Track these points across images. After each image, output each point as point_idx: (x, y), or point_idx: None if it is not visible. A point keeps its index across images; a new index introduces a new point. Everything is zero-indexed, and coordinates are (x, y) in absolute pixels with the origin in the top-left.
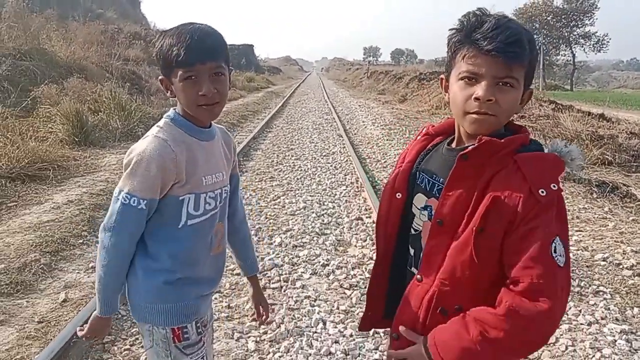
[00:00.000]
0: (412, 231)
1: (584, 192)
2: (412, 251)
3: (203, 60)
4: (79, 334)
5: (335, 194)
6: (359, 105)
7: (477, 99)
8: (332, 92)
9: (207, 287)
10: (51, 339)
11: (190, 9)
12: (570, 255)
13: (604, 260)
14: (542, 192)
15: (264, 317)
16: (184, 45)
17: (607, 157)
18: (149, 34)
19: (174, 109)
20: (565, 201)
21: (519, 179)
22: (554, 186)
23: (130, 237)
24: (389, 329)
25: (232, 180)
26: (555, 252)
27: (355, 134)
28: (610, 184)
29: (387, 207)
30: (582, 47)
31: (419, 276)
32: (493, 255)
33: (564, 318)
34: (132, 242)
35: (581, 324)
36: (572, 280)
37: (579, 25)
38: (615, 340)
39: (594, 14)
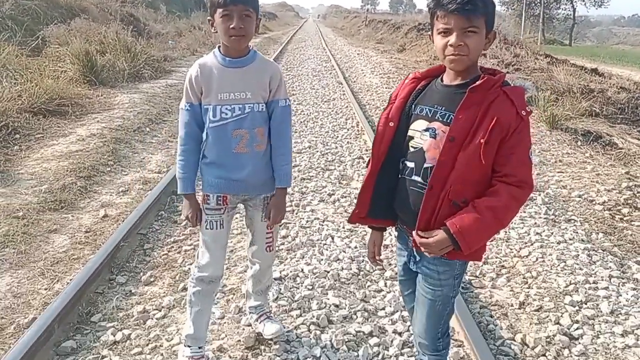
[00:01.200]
0: (411, 149)
1: (569, 140)
2: (411, 164)
3: (235, 3)
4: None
5: (337, 136)
6: (358, 54)
7: (451, 45)
8: (330, 40)
9: (227, 175)
10: (100, 244)
11: None
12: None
13: (579, 197)
14: (523, 112)
15: (270, 220)
16: None
17: (594, 109)
18: None
19: (219, 46)
20: (551, 147)
21: (509, 104)
22: (528, 109)
23: (184, 131)
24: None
25: (271, 106)
26: (531, 155)
27: (354, 81)
28: (594, 133)
29: (382, 133)
30: (583, 1)
31: (430, 184)
32: (490, 159)
33: (537, 237)
34: (187, 136)
35: (551, 242)
36: (548, 210)
37: None
38: (578, 255)
39: None
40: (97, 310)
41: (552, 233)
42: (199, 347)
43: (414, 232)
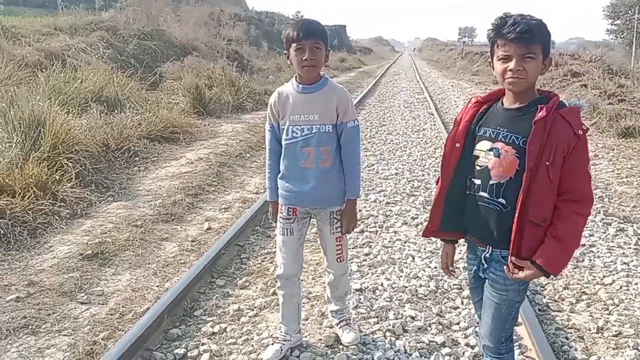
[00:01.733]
0: (477, 167)
1: None
2: (478, 181)
3: (307, 37)
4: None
5: (425, 164)
6: (452, 86)
7: (510, 70)
8: (425, 72)
9: (294, 189)
10: (204, 252)
11: None
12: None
13: None
14: (580, 132)
15: (343, 230)
16: (297, 30)
17: None
18: (248, 15)
19: (295, 76)
20: None
21: (567, 126)
22: (584, 127)
23: (269, 147)
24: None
25: (340, 127)
26: (589, 171)
27: (446, 112)
28: None
29: (450, 153)
30: None
31: (503, 202)
32: (557, 177)
33: (623, 266)
34: (271, 152)
35: (639, 272)
36: (639, 241)
37: None
38: None
39: None
40: (199, 307)
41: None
42: (286, 333)
43: (512, 258)
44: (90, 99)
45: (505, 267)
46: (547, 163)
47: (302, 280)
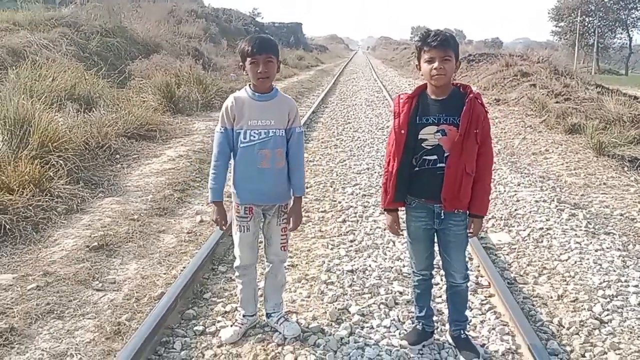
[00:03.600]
0: (427, 147)
1: (615, 166)
2: (434, 157)
3: (260, 53)
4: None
5: None
6: (409, 84)
7: (435, 69)
8: (381, 71)
9: (253, 189)
10: (202, 243)
11: None
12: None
13: (620, 215)
14: (487, 109)
15: (292, 225)
16: (251, 45)
17: None
18: (205, 11)
19: (249, 84)
20: (597, 171)
21: (479, 105)
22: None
23: (218, 149)
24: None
25: (289, 132)
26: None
27: None
28: None
29: (399, 139)
30: None
31: (450, 167)
32: (480, 140)
33: (577, 245)
34: (220, 153)
35: (590, 250)
36: (588, 224)
37: (638, 8)
38: (614, 260)
39: None
40: (207, 290)
41: (590, 242)
42: (244, 316)
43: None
44: (64, 97)
45: (468, 230)
46: (475, 131)
47: (295, 266)
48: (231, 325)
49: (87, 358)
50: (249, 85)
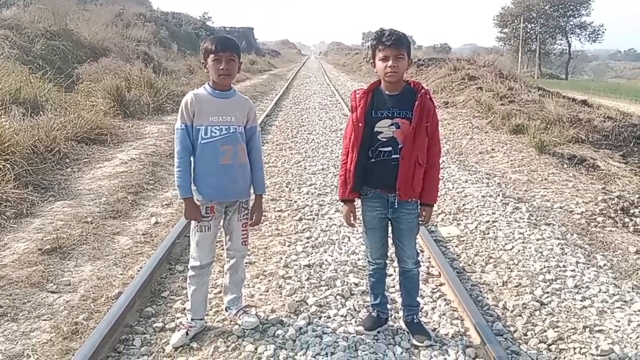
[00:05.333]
0: (383, 139)
1: (555, 163)
2: (389, 148)
3: (224, 50)
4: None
5: None
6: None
7: (389, 67)
8: (333, 75)
9: (215, 184)
10: (157, 244)
11: None
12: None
13: (560, 208)
14: (436, 104)
15: (254, 220)
16: (214, 43)
17: (581, 136)
18: (154, 15)
19: (209, 82)
20: (539, 168)
21: (429, 100)
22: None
23: (181, 146)
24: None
25: (249, 131)
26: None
27: None
28: (579, 157)
29: (357, 132)
30: (578, 37)
31: (403, 158)
32: (429, 132)
33: (520, 235)
34: (183, 150)
35: (531, 239)
36: (530, 216)
37: (575, 15)
38: (553, 248)
39: (590, 4)
40: (165, 289)
41: (532, 233)
42: (192, 319)
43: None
44: (8, 101)
45: (420, 218)
46: (427, 124)
47: (253, 263)
48: (177, 330)
49: (44, 358)
50: (208, 83)
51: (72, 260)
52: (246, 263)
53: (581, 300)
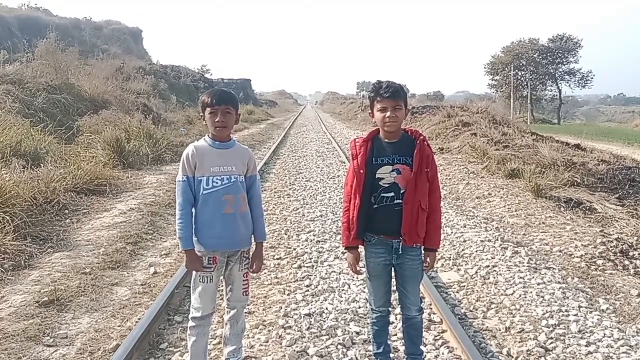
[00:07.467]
0: (385, 185)
1: (552, 207)
2: (391, 194)
3: (220, 104)
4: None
5: None
6: (357, 137)
7: (388, 117)
8: (330, 124)
9: (218, 235)
10: (156, 294)
11: (188, 46)
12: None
13: (559, 252)
14: (433, 151)
15: (255, 268)
16: (211, 97)
17: (576, 179)
18: (154, 68)
19: (208, 134)
20: (536, 212)
21: (428, 147)
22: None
23: (183, 198)
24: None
25: (250, 180)
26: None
27: None
28: (576, 201)
29: (359, 179)
30: (568, 83)
31: (407, 203)
32: (430, 178)
33: (520, 280)
34: (185, 202)
35: (532, 284)
36: (530, 261)
37: (564, 63)
38: (555, 292)
39: (577, 52)
40: (164, 340)
41: (533, 277)
42: None
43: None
44: (9, 153)
45: (424, 264)
46: (427, 170)
47: (253, 312)
48: None
49: None
50: (208, 135)
51: (69, 313)
52: (245, 313)
53: (586, 346)
